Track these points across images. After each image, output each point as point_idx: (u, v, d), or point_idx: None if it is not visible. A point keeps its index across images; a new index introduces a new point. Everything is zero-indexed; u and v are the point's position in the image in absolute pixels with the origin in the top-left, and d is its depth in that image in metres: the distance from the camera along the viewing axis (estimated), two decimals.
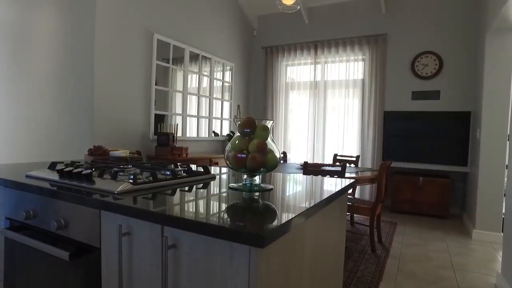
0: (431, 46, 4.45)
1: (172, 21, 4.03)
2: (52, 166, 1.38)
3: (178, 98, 4.23)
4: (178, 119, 4.23)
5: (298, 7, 3.12)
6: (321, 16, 5.19)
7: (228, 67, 5.23)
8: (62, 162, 1.40)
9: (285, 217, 0.78)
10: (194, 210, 0.83)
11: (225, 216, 0.79)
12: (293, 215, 0.80)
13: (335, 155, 4.18)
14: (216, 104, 5.00)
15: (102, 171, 1.15)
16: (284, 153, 4.30)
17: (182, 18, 4.18)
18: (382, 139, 4.75)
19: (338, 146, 5.09)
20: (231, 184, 1.22)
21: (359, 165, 4.81)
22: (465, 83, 4.29)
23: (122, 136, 3.44)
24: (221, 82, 5.08)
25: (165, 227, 0.80)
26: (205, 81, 4.73)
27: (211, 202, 0.95)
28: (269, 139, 1.18)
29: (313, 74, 5.27)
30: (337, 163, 4.12)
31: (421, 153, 4.50)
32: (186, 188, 1.14)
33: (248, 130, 1.16)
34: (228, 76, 5.24)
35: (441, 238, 3.45)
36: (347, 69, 5.01)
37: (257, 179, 1.20)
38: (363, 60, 4.90)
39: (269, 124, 1.20)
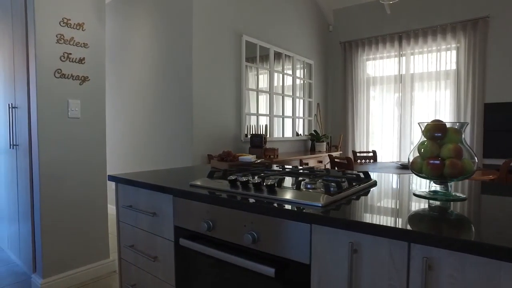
0: None
1: (257, 22, 4.03)
2: (211, 174, 1.39)
3: (255, 97, 4.22)
4: (262, 120, 4.22)
5: None
6: (405, 5, 4.86)
7: (308, 65, 5.13)
8: (219, 171, 1.40)
9: None
10: (443, 225, 0.74)
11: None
12: None
13: None
14: (298, 103, 4.93)
15: (281, 181, 1.12)
16: (374, 152, 4.09)
17: (265, 18, 4.17)
18: (483, 134, 4.32)
19: None
20: (418, 192, 1.12)
21: None
22: None
23: (217, 139, 3.51)
24: (301, 81, 5.00)
25: (413, 244, 0.73)
26: (281, 79, 4.67)
27: (429, 212, 0.86)
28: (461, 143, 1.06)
29: (397, 67, 4.96)
30: None
31: None
32: (371, 197, 1.06)
33: (440, 135, 1.05)
34: (307, 74, 5.14)
35: None
36: (438, 60, 4.62)
37: (440, 187, 1.08)
38: (457, 48, 4.48)
39: (460, 126, 1.07)
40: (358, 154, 4.09)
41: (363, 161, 4.02)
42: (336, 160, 3.15)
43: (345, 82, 5.40)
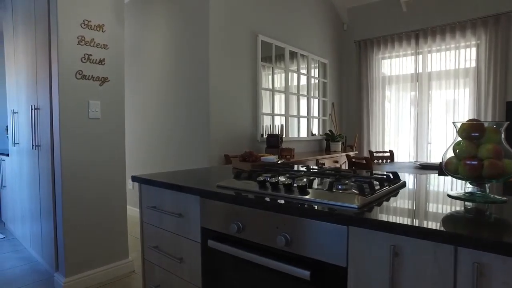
0: None
1: (272, 21, 4.02)
2: (237, 175, 1.38)
3: (271, 97, 4.20)
4: (277, 120, 4.20)
5: None
6: (422, 1, 4.77)
7: (322, 64, 5.08)
8: (244, 171, 1.39)
9: None
10: (491, 228, 0.71)
11: None
12: None
13: None
14: (313, 103, 4.89)
15: (311, 182, 1.10)
16: (391, 152, 4.03)
17: (280, 18, 4.15)
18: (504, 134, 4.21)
19: (447, 142, 4.64)
20: (452, 193, 1.08)
21: None
22: None
23: (233, 139, 3.50)
24: (316, 80, 4.96)
25: (460, 248, 0.70)
26: (296, 79, 4.64)
27: (469, 215, 0.83)
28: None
29: (413, 66, 4.88)
30: None
31: None
32: (406, 198, 1.03)
33: (477, 134, 1.02)
34: (321, 73, 5.10)
35: None
36: (456, 58, 4.53)
37: (473, 188, 1.05)
38: (477, 45, 4.38)
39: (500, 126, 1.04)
40: (375, 154, 4.03)
41: (380, 161, 3.96)
42: (353, 160, 3.11)
43: (360, 81, 5.33)
